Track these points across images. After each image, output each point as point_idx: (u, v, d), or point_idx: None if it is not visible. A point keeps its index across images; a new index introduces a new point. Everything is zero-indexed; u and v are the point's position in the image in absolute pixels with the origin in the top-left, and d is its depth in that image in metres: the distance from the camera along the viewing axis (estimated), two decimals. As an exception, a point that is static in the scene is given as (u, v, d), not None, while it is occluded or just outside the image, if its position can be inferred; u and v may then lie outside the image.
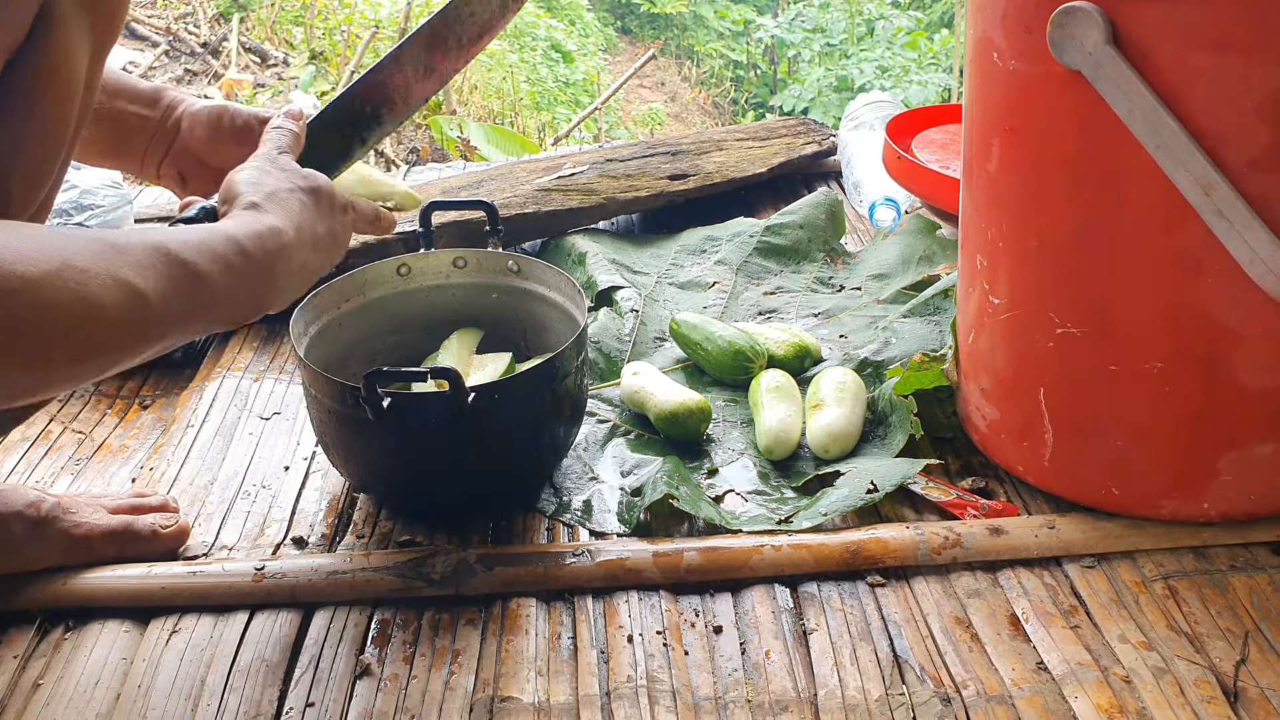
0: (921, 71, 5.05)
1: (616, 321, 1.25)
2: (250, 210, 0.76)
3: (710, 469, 1.03)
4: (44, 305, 0.58)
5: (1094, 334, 0.87)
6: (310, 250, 0.80)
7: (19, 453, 1.09)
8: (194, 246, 0.68)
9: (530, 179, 1.53)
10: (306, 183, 0.82)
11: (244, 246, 0.72)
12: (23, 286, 0.57)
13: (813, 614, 0.86)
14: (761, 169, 1.61)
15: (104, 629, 0.86)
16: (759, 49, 6.23)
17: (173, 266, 0.66)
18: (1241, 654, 0.80)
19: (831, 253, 1.42)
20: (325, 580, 0.88)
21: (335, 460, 0.97)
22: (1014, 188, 0.89)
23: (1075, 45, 0.78)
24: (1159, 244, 0.82)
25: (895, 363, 1.13)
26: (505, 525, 0.96)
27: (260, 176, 0.80)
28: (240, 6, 4.23)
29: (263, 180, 0.80)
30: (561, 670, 0.81)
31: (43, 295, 0.58)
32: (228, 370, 1.21)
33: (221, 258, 0.70)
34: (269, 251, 0.74)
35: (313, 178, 0.83)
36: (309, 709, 0.78)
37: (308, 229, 0.79)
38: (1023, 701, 0.77)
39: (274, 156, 0.84)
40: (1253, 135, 0.76)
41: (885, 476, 0.95)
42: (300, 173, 0.83)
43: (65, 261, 0.59)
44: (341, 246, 0.86)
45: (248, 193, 0.78)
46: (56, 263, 0.59)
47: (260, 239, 0.74)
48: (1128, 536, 0.90)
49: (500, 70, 4.41)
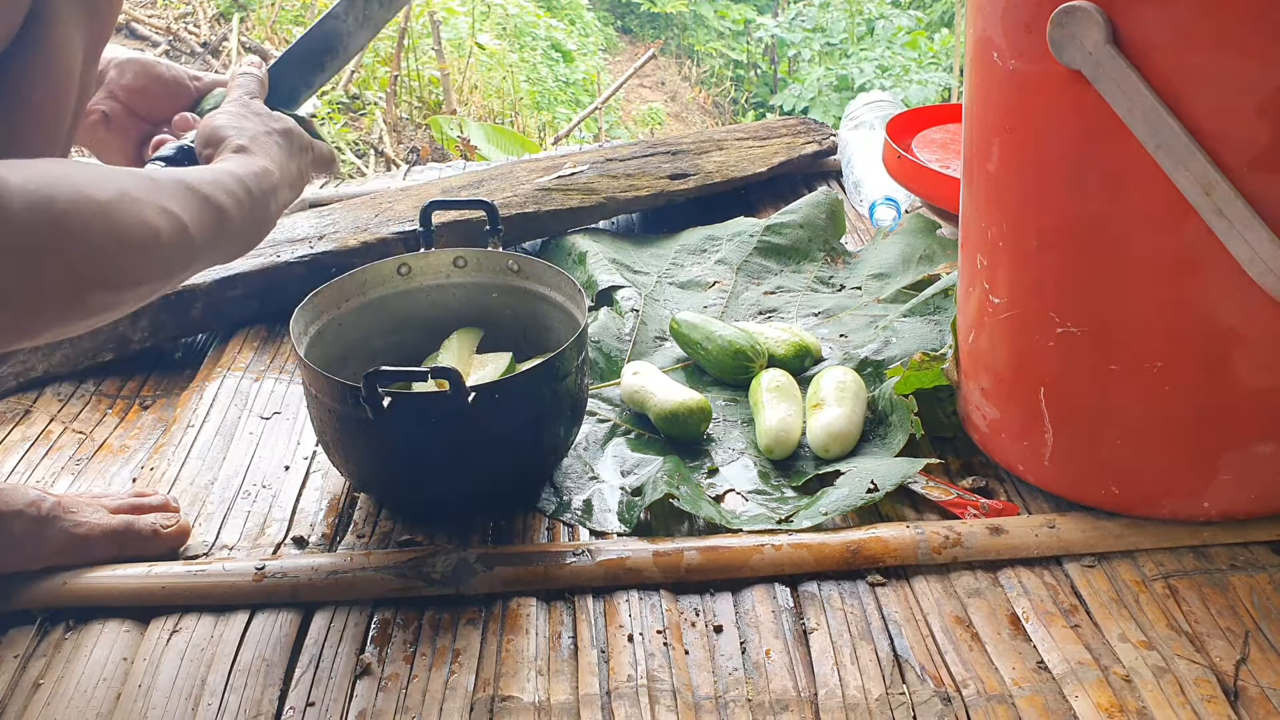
0: (921, 71, 5.05)
1: (617, 321, 1.25)
2: (241, 153, 0.81)
3: (710, 468, 1.03)
4: (118, 229, 0.62)
5: (1094, 333, 0.87)
6: (288, 188, 0.85)
7: (19, 453, 1.09)
8: (211, 183, 0.73)
9: (530, 179, 1.53)
10: (280, 125, 0.87)
11: (248, 185, 0.77)
12: (99, 210, 0.61)
13: (813, 613, 0.86)
14: (762, 168, 1.61)
15: (104, 629, 0.86)
16: (759, 48, 6.22)
17: (199, 199, 0.71)
18: (1242, 653, 0.80)
19: (832, 252, 1.42)
20: (325, 580, 0.88)
21: (335, 460, 0.97)
22: (1014, 187, 0.89)
23: (1075, 45, 0.78)
24: (1159, 243, 0.82)
25: (895, 362, 1.13)
26: (505, 525, 0.96)
27: (240, 121, 0.85)
28: (240, 6, 4.23)
29: (243, 125, 0.85)
30: (562, 670, 0.81)
31: (114, 220, 0.62)
32: (228, 370, 1.21)
33: (233, 194, 0.75)
34: (264, 190, 0.79)
35: (283, 120, 0.89)
36: (309, 708, 0.78)
37: (286, 168, 0.85)
38: (1023, 701, 0.77)
39: (246, 101, 0.89)
40: (1253, 135, 0.76)
41: (885, 476, 0.95)
42: (273, 116, 0.89)
43: (121, 190, 0.63)
44: (306, 182, 0.91)
45: (234, 136, 0.83)
46: (115, 190, 0.63)
47: (258, 179, 0.79)
48: (1128, 536, 0.90)
49: (500, 70, 4.41)
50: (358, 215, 1.42)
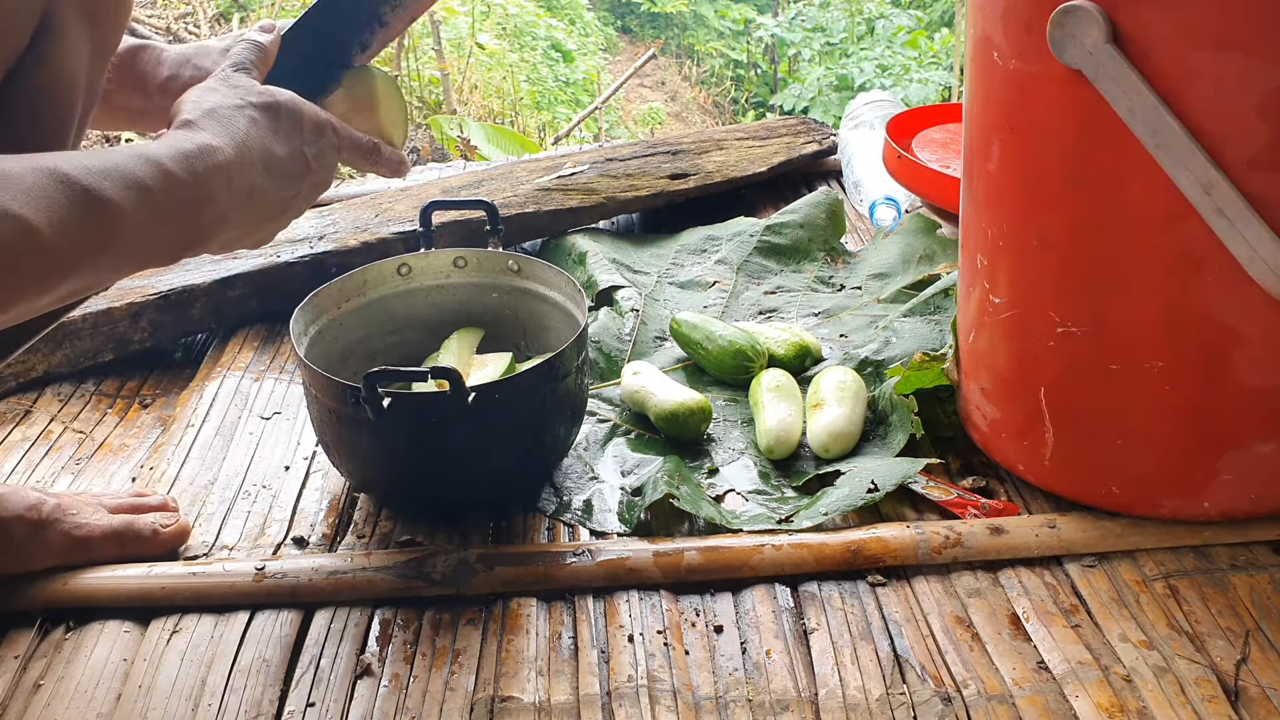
0: (922, 70, 5.04)
1: (617, 321, 1.25)
2: (181, 129, 0.69)
3: (711, 468, 1.03)
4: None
5: (1094, 333, 0.87)
6: (262, 173, 0.71)
7: (19, 453, 1.09)
8: (97, 171, 0.60)
9: (530, 178, 1.53)
10: (260, 98, 0.73)
11: (165, 168, 0.64)
12: None
13: (813, 613, 0.86)
14: (762, 168, 1.61)
15: (104, 629, 0.86)
16: (759, 48, 6.22)
17: (70, 194, 0.58)
18: (1242, 653, 0.80)
19: (832, 252, 1.42)
20: (326, 580, 0.88)
21: (335, 460, 0.97)
22: (1014, 187, 0.89)
23: (1075, 44, 0.78)
24: (1159, 243, 0.81)
25: (896, 362, 1.13)
26: (506, 525, 0.96)
27: (203, 95, 0.72)
28: (240, 6, 4.23)
29: (203, 99, 0.72)
30: (562, 670, 0.81)
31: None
32: (228, 370, 1.21)
33: (136, 182, 0.62)
34: (198, 173, 0.65)
35: (270, 93, 0.74)
36: (310, 709, 0.78)
37: (257, 147, 0.71)
38: (1023, 701, 0.77)
39: (228, 74, 0.76)
40: (1253, 134, 0.76)
41: (886, 476, 0.95)
42: (254, 88, 0.74)
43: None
44: (315, 171, 0.76)
45: (183, 112, 0.70)
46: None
47: (187, 158, 0.65)
48: (1128, 535, 0.90)
49: (500, 70, 4.41)
50: (358, 215, 1.42)
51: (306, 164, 0.75)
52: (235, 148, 0.69)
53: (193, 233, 0.67)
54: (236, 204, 0.69)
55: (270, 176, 0.72)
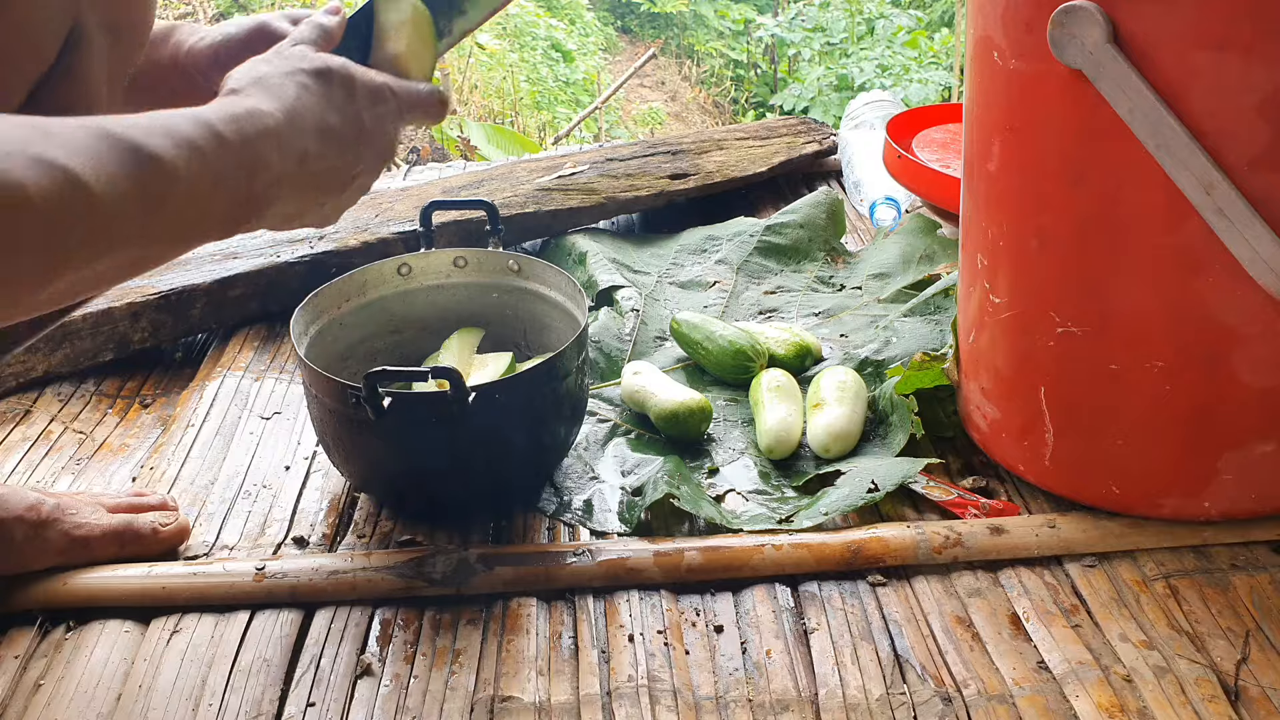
0: (922, 70, 5.04)
1: (617, 321, 1.25)
2: (227, 96, 0.66)
3: (711, 468, 1.03)
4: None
5: (1095, 333, 0.87)
6: (315, 139, 0.68)
7: (19, 453, 1.09)
8: (145, 128, 0.57)
9: (530, 179, 1.53)
10: (311, 65, 0.70)
11: (215, 129, 0.61)
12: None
13: (813, 613, 0.86)
14: (762, 168, 1.61)
15: (105, 629, 0.86)
16: (759, 48, 6.22)
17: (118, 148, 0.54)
18: (1242, 653, 0.80)
19: (832, 252, 1.42)
20: (326, 580, 0.88)
21: (336, 460, 0.97)
22: (1014, 187, 0.89)
23: (1076, 44, 0.78)
24: (1159, 243, 0.81)
25: (896, 362, 1.13)
26: (506, 525, 0.96)
27: (254, 65, 0.70)
28: (240, 6, 4.23)
29: (255, 69, 0.69)
30: (562, 670, 0.81)
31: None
32: (228, 370, 1.21)
33: (186, 140, 0.58)
34: (249, 135, 0.63)
35: (322, 59, 0.71)
36: (310, 709, 0.78)
37: (308, 114, 0.68)
38: (1024, 701, 0.77)
39: (284, 48, 0.73)
40: (1253, 134, 0.76)
41: (886, 476, 0.95)
42: (306, 57, 0.71)
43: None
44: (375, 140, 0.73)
45: (230, 82, 0.68)
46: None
47: (236, 120, 0.62)
48: (1129, 535, 0.90)
49: (500, 70, 4.41)
50: (358, 215, 1.42)
51: (363, 130, 0.72)
52: (285, 112, 0.66)
53: (247, 198, 0.63)
54: (289, 171, 0.66)
55: (325, 143, 0.69)
